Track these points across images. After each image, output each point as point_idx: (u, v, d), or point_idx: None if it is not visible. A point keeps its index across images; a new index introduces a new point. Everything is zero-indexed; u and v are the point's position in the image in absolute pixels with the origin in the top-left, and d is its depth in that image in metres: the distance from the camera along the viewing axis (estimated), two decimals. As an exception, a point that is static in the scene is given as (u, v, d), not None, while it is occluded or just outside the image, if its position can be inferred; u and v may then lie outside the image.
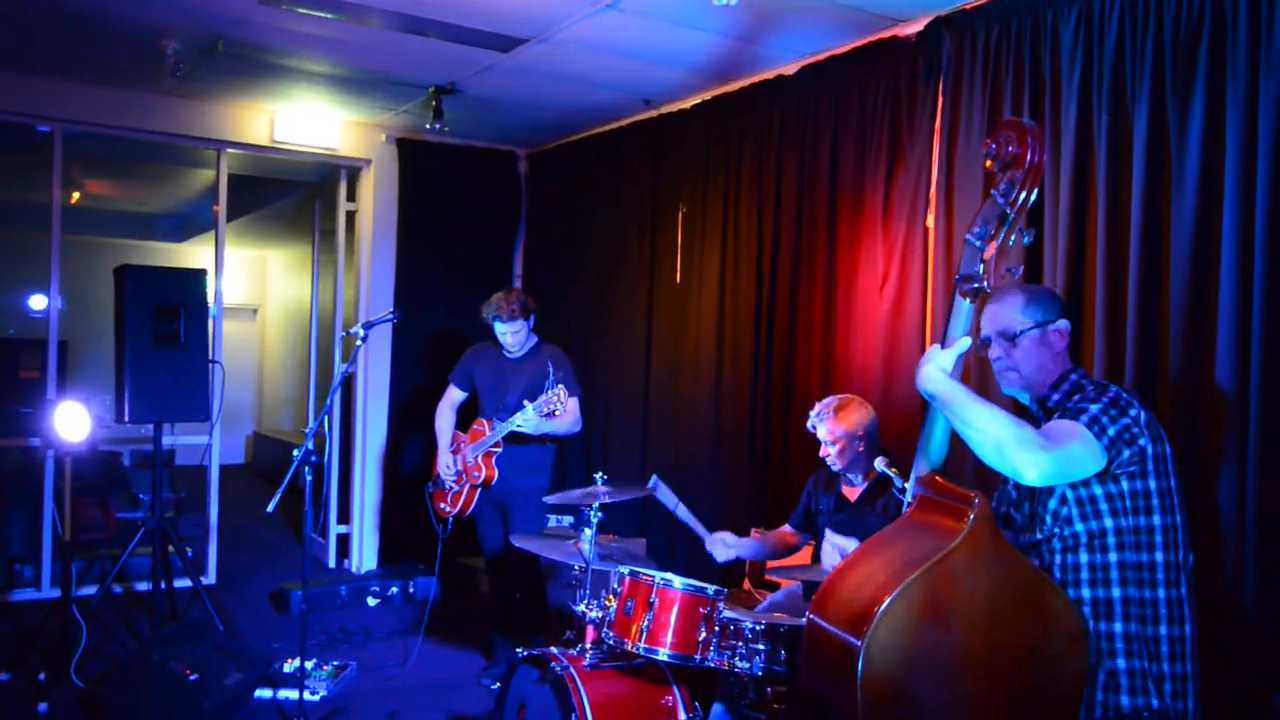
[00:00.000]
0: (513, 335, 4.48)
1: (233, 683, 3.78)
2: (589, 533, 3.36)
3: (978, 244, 2.19)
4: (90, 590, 5.20)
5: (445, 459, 4.62)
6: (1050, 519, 2.27)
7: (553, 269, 6.54)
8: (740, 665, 2.94)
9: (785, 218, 4.66)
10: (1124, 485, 2.19)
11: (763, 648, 2.91)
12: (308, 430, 3.82)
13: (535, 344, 4.60)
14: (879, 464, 3.12)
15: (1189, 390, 3.01)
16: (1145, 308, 3.12)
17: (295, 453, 3.71)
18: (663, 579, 2.99)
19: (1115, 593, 2.20)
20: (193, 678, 3.62)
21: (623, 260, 5.85)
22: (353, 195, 6.67)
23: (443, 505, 4.65)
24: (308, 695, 4.15)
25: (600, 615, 3.12)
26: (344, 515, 6.60)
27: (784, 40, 4.36)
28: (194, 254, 10.56)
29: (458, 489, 4.58)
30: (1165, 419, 2.91)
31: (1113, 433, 2.15)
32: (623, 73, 4.96)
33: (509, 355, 4.58)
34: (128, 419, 4.55)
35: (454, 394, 4.76)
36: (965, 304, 2.23)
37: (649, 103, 5.50)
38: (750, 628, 2.94)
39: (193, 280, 4.82)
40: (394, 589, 5.83)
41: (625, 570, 3.10)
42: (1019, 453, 2.06)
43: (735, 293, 4.95)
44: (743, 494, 4.81)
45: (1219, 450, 2.93)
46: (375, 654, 4.91)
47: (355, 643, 5.08)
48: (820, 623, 2.16)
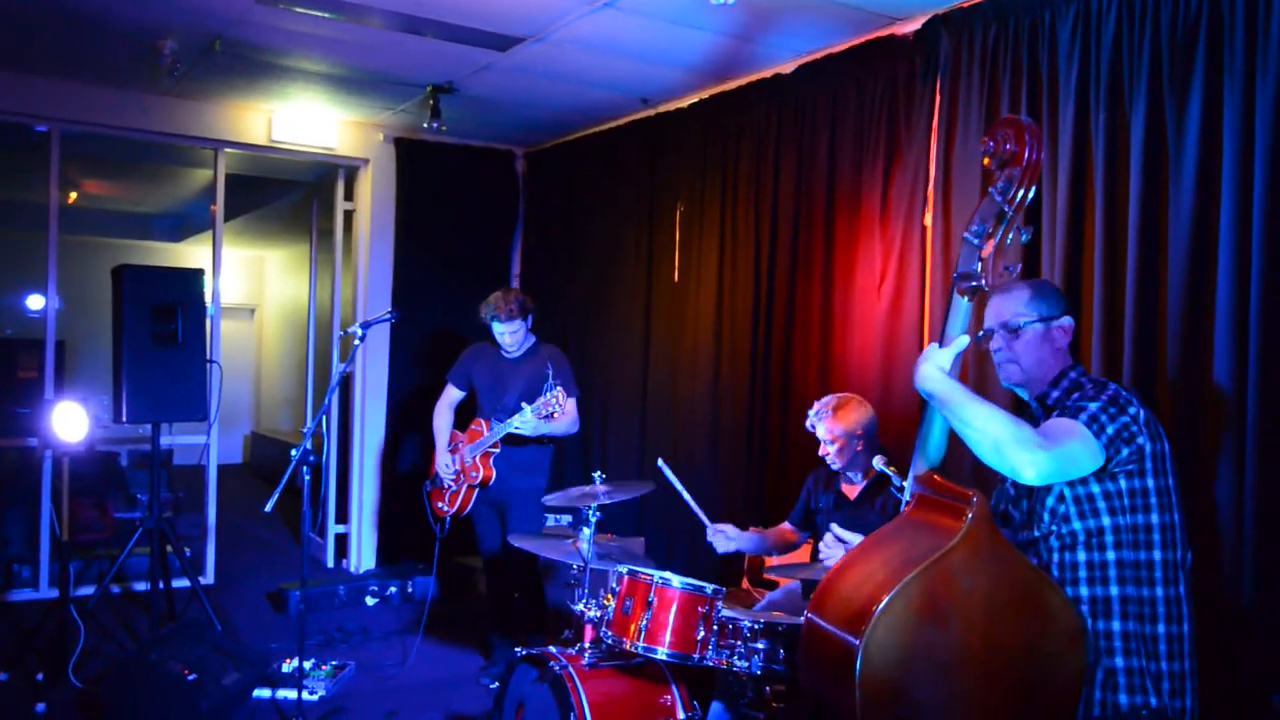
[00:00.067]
0: (511, 335, 4.48)
1: (231, 683, 3.78)
2: (587, 532, 3.37)
3: (976, 242, 2.18)
4: (88, 590, 5.18)
5: (443, 458, 4.61)
6: (1048, 517, 2.27)
7: (550, 268, 6.53)
8: (739, 664, 2.94)
9: (783, 216, 4.66)
10: (1122, 484, 2.19)
11: (761, 646, 2.92)
12: (306, 430, 3.82)
13: (533, 344, 4.60)
14: (878, 462, 3.12)
15: (1187, 389, 3.01)
16: (1143, 306, 3.12)
17: (293, 452, 3.71)
18: (661, 578, 2.99)
19: (1113, 591, 2.20)
20: (191, 678, 3.62)
21: (620, 259, 5.84)
22: (350, 195, 6.66)
23: (440, 505, 4.64)
24: (306, 695, 4.15)
25: (599, 614, 3.12)
26: (342, 515, 6.60)
27: (781, 39, 4.36)
28: (191, 254, 10.55)
29: (456, 489, 4.57)
30: (1163, 418, 2.91)
31: (1111, 431, 2.15)
32: (620, 72, 4.95)
33: (507, 355, 4.58)
34: (125, 419, 4.54)
35: (452, 393, 4.76)
36: (963, 302, 2.22)
37: (646, 102, 5.50)
38: (749, 626, 2.94)
39: (190, 280, 4.82)
40: (392, 589, 5.82)
41: (624, 569, 3.10)
42: (1017, 451, 2.06)
43: (733, 292, 4.94)
44: (741, 493, 4.81)
45: (1217, 449, 2.93)
46: (373, 654, 4.90)
47: (353, 642, 5.08)
48: (818, 621, 2.16)
